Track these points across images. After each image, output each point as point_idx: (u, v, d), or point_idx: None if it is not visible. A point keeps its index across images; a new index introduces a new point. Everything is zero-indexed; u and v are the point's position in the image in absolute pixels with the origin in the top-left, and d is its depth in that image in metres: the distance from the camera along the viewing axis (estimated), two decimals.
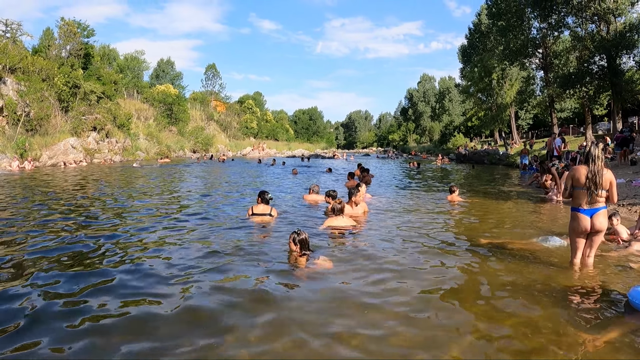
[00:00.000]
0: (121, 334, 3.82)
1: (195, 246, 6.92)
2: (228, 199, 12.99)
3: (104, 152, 32.45)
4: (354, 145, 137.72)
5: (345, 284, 5.26)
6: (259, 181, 19.89)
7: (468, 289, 5.28)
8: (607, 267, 6.03)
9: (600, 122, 42.71)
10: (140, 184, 16.71)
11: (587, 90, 29.54)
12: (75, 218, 9.07)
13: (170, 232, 7.92)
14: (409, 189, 16.97)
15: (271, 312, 4.38)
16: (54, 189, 14.20)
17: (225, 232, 8.02)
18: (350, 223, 8.64)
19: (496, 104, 46.20)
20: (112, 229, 8.06)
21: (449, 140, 70.88)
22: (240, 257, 6.29)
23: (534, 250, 6.91)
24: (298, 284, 5.27)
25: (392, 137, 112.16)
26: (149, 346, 3.66)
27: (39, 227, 8.06)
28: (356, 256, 6.46)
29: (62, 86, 30.19)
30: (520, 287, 5.19)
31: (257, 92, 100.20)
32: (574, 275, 5.69)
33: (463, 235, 8.23)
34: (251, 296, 4.79)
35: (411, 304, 4.65)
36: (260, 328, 4.02)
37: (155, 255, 6.31)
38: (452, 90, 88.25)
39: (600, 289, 5.18)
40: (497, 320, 4.30)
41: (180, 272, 5.52)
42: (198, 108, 62.48)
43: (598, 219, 5.70)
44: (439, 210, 11.33)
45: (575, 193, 5.80)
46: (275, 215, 9.35)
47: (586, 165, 5.72)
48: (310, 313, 4.40)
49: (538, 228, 8.94)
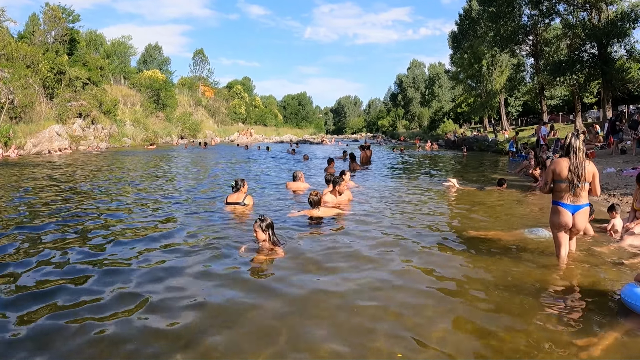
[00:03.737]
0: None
1: (159, 238, 6.69)
2: (201, 186, 12.81)
3: (90, 139, 31.96)
4: (343, 131, 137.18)
5: (320, 280, 5.04)
6: (243, 167, 19.75)
7: (452, 283, 5.09)
8: (598, 263, 5.82)
9: (590, 110, 42.80)
10: (122, 171, 16.48)
11: (577, 78, 29.52)
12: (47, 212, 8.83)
13: (134, 228, 7.47)
14: (395, 176, 16.78)
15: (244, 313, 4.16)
16: (38, 178, 13.90)
17: (196, 223, 7.76)
18: (330, 213, 8.38)
19: (486, 91, 46.08)
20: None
21: (438, 127, 70.86)
22: (210, 249, 6.06)
23: (521, 242, 6.73)
24: (267, 280, 5.08)
25: (381, 123, 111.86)
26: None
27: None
28: (332, 249, 6.20)
29: (46, 72, 29.59)
30: (507, 283, 5.00)
31: (246, 78, 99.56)
32: (562, 270, 5.50)
33: (449, 225, 8.09)
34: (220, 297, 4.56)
35: (391, 300, 4.50)
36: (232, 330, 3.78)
37: (112, 252, 5.97)
38: (442, 76, 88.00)
39: (592, 286, 4.97)
40: (483, 318, 4.12)
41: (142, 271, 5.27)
42: (186, 94, 61.84)
43: (580, 218, 5.53)
44: (425, 199, 11.16)
45: (556, 187, 5.58)
46: (249, 204, 9.03)
47: (567, 157, 5.50)
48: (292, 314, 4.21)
49: (526, 219, 8.76)
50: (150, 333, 3.70)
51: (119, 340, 3.55)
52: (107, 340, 3.54)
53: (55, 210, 8.65)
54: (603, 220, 7.87)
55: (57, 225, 7.27)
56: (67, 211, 8.51)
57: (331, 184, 9.76)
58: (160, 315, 4.05)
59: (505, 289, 4.85)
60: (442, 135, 56.40)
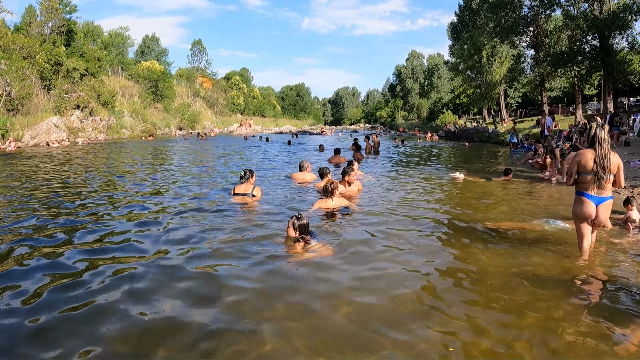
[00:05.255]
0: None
1: (175, 232, 6.50)
2: (210, 178, 12.61)
3: (88, 130, 31.64)
4: (341, 122, 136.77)
5: (343, 272, 4.96)
6: (245, 158, 19.62)
7: (473, 273, 5.02)
8: (621, 255, 5.72)
9: (590, 102, 42.63)
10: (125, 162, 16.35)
11: (578, 69, 29.38)
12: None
13: (145, 219, 7.35)
14: (400, 166, 16.69)
15: (269, 305, 4.12)
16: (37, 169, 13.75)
17: (207, 215, 7.61)
18: (343, 203, 8.22)
19: (485, 82, 45.87)
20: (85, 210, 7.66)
21: (437, 118, 70.60)
22: (225, 244, 5.91)
23: (540, 234, 6.63)
24: (297, 273, 4.96)
25: (379, 114, 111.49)
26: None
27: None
28: (352, 241, 6.08)
29: (44, 64, 29.23)
30: (529, 275, 4.90)
31: (244, 69, 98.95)
32: (586, 262, 5.40)
33: (461, 215, 7.98)
34: (242, 290, 4.46)
35: (414, 293, 4.43)
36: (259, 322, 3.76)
37: (125, 248, 5.76)
38: (441, 67, 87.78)
39: (618, 278, 4.85)
40: (507, 311, 4.05)
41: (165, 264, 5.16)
42: (184, 85, 61.41)
43: (603, 210, 5.42)
44: (433, 189, 11.11)
45: (581, 178, 5.45)
46: (258, 195, 8.88)
47: (592, 148, 5.36)
48: (315, 302, 4.18)
49: (538, 209, 8.68)
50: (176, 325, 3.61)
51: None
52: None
53: (70, 200, 8.43)
54: (616, 212, 7.75)
55: (77, 214, 7.09)
56: (84, 199, 8.35)
57: (325, 177, 9.57)
58: (186, 309, 4.00)
59: (531, 280, 4.76)
60: (442, 126, 56.19)
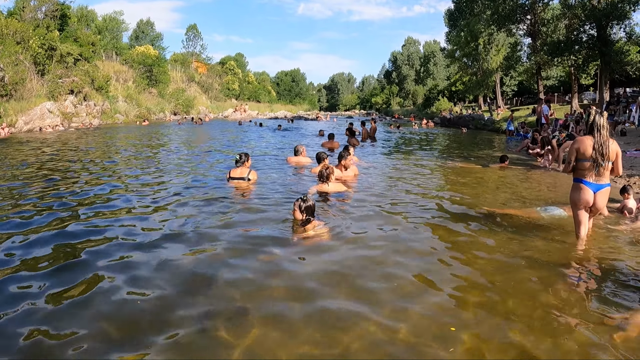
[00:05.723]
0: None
1: (172, 216, 6.51)
2: (205, 162, 12.64)
3: (82, 115, 31.38)
4: (336, 108, 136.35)
5: (342, 255, 5.01)
6: (240, 143, 19.64)
7: (470, 260, 5.03)
8: (618, 242, 5.76)
9: (586, 91, 42.57)
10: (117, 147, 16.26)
11: (575, 59, 29.29)
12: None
13: (139, 204, 7.30)
14: (395, 152, 16.71)
15: (284, 285, 4.20)
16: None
17: (202, 199, 7.59)
18: (340, 188, 8.21)
19: (482, 70, 45.69)
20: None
21: (433, 104, 70.37)
22: (223, 228, 5.91)
23: (536, 220, 6.65)
24: (308, 255, 5.00)
25: (375, 100, 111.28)
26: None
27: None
28: (349, 225, 6.08)
29: (37, 49, 28.84)
30: (525, 260, 4.93)
31: (239, 54, 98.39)
32: (583, 249, 5.41)
33: (457, 201, 8.00)
34: (256, 271, 4.51)
35: (412, 275, 4.48)
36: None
37: (126, 231, 5.73)
38: (437, 54, 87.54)
39: (616, 265, 4.87)
40: (503, 294, 4.08)
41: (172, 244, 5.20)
42: (179, 70, 60.98)
43: (601, 197, 5.44)
44: (429, 175, 11.15)
45: (579, 165, 5.45)
46: (253, 179, 8.88)
47: (590, 135, 5.35)
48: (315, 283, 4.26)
49: (534, 196, 8.73)
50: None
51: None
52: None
53: (61, 186, 8.39)
54: (612, 200, 7.78)
55: (68, 200, 7.08)
56: (72, 187, 8.31)
57: (322, 162, 9.52)
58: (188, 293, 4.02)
59: (527, 265, 4.79)
60: (437, 113, 56.11)
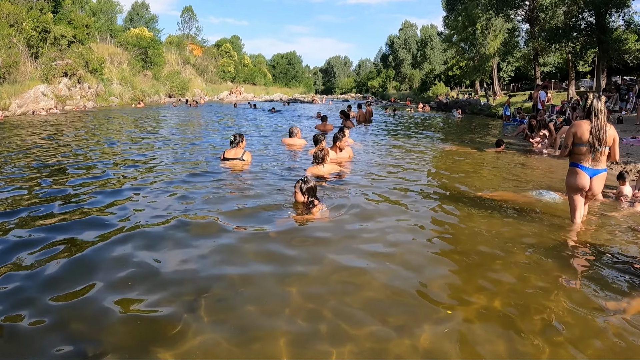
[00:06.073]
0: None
1: (167, 196, 6.52)
2: (200, 142, 12.73)
3: (76, 98, 31.12)
4: (332, 91, 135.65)
5: (339, 236, 5.02)
6: (236, 124, 19.69)
7: (465, 243, 5.06)
8: (613, 227, 5.78)
9: (583, 79, 42.44)
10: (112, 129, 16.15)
11: (573, 45, 29.15)
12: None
13: (134, 185, 7.25)
14: (391, 135, 16.70)
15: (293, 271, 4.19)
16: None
17: (197, 180, 7.60)
18: (335, 170, 8.24)
19: (479, 55, 45.48)
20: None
21: (429, 89, 70.04)
22: (222, 206, 5.95)
23: (531, 205, 6.67)
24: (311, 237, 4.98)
25: (371, 84, 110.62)
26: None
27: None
28: (345, 206, 6.10)
29: (31, 31, 28.42)
30: (520, 244, 4.95)
31: (235, 36, 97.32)
32: (578, 234, 5.42)
33: (453, 183, 8.07)
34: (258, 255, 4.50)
35: (407, 258, 4.50)
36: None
37: (113, 213, 5.69)
38: (434, 38, 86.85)
39: (611, 250, 4.87)
40: (503, 280, 4.07)
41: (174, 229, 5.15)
42: (174, 52, 60.34)
43: (597, 182, 5.44)
44: (425, 158, 11.21)
45: (576, 149, 5.44)
46: (248, 160, 8.87)
47: (588, 120, 5.33)
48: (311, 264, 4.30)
49: (530, 180, 8.77)
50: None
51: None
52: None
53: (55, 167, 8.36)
54: (607, 186, 7.78)
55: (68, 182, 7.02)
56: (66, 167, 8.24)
57: (319, 144, 9.46)
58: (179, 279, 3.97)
59: (521, 249, 4.79)
60: (433, 98, 55.92)
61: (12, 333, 3.12)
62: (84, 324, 3.26)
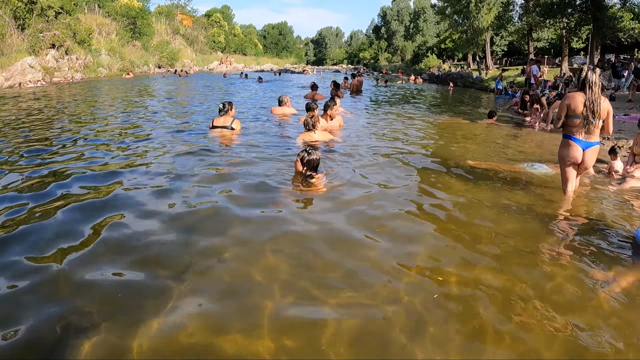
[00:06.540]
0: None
1: (160, 166, 6.43)
2: (190, 109, 12.75)
3: (64, 70, 30.61)
4: (323, 62, 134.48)
5: (332, 208, 5.00)
6: (224, 93, 19.61)
7: (456, 212, 5.07)
8: (604, 201, 5.80)
9: (577, 55, 42.27)
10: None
11: (567, 21, 28.99)
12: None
13: (124, 156, 7.16)
14: (382, 106, 16.79)
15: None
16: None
17: (187, 149, 7.51)
18: (326, 137, 8.27)
19: (472, 28, 45.06)
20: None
21: (422, 61, 69.58)
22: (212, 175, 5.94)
23: (522, 176, 6.72)
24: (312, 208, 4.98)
25: (363, 55, 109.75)
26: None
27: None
28: (338, 176, 6.11)
29: (17, 2, 27.71)
30: (511, 214, 4.99)
31: (225, 6, 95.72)
32: (569, 206, 5.46)
33: (444, 154, 8.08)
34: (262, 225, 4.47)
35: (398, 228, 4.51)
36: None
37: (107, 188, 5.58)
38: (427, 10, 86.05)
39: (601, 223, 4.87)
40: (492, 250, 4.07)
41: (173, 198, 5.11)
42: (163, 22, 59.17)
43: (589, 155, 5.43)
44: (416, 128, 11.21)
45: (569, 122, 5.40)
46: (237, 128, 8.81)
47: (582, 92, 5.30)
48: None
49: (522, 152, 8.81)
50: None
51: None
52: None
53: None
54: (600, 160, 7.80)
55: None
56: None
57: (310, 112, 9.37)
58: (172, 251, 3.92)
59: (512, 220, 4.81)
60: (425, 70, 55.65)
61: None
62: (64, 289, 3.25)
